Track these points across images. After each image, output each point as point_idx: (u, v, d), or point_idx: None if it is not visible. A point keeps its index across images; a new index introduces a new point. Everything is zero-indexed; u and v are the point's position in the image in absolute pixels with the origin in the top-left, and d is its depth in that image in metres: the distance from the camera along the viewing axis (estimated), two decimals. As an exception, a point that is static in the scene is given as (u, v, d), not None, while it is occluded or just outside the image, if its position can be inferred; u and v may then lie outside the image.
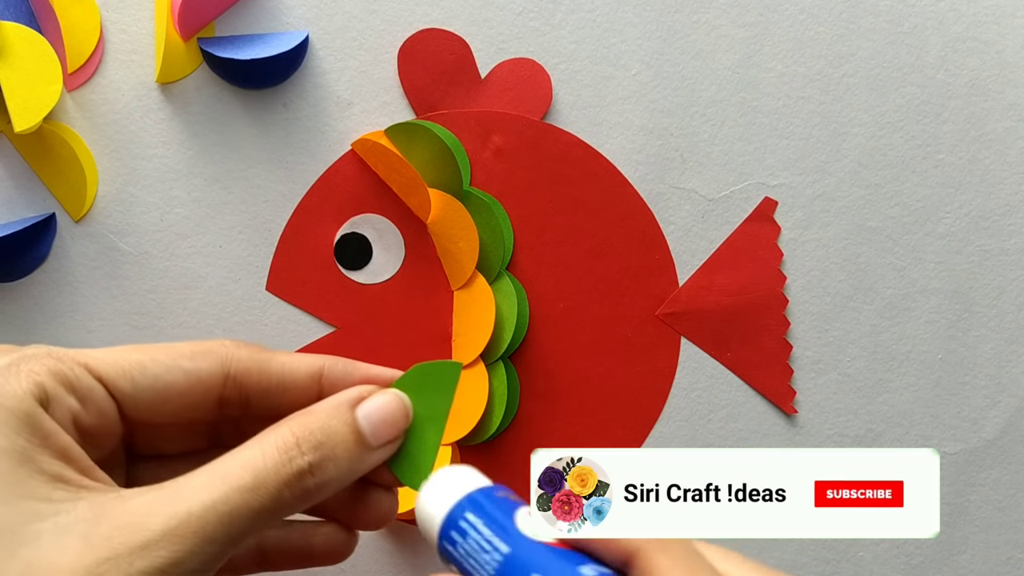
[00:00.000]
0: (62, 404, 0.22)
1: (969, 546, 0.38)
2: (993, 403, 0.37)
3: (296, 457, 0.21)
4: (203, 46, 0.34)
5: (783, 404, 0.36)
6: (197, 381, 0.24)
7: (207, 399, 0.24)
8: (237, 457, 0.21)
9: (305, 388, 0.25)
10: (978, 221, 0.37)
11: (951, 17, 0.36)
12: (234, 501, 0.20)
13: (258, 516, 0.21)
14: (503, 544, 0.20)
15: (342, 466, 0.22)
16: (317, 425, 0.22)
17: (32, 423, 0.20)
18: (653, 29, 0.36)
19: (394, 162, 0.34)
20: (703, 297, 0.36)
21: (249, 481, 0.21)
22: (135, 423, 0.24)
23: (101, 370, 0.23)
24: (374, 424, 0.23)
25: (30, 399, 0.21)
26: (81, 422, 0.22)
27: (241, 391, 0.24)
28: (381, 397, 0.24)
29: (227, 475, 0.21)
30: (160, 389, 0.23)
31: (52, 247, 0.34)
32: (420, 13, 0.35)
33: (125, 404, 0.23)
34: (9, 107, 0.31)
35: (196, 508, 0.20)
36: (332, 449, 0.22)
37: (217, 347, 0.24)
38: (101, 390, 0.23)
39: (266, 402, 0.25)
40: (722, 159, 0.36)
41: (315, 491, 0.22)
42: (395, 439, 0.24)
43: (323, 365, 0.25)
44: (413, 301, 0.35)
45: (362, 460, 0.23)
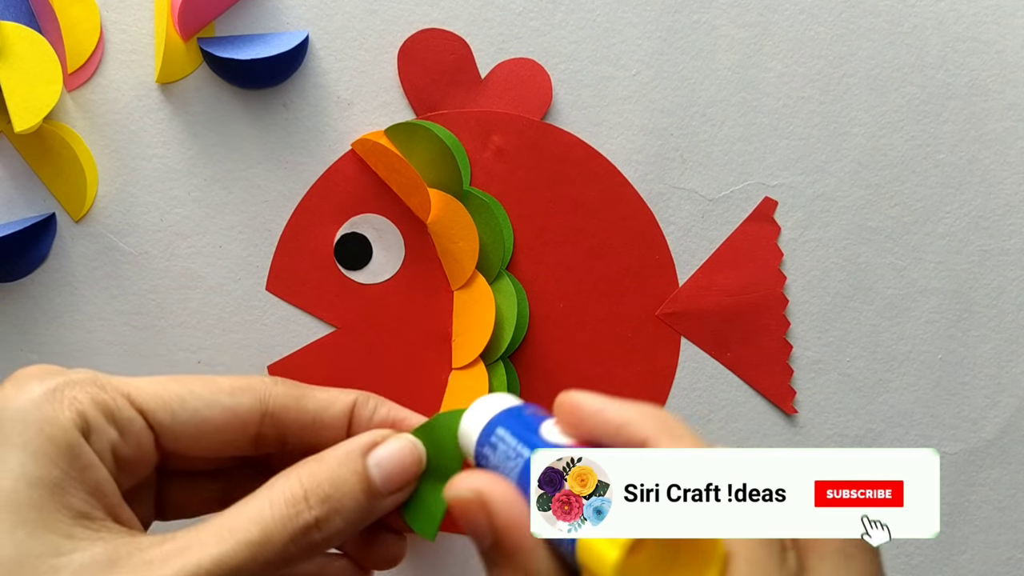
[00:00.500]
0: (103, 435, 0.22)
1: (969, 546, 0.38)
2: (993, 403, 0.37)
3: (303, 512, 0.22)
4: (203, 46, 0.34)
5: (783, 404, 0.36)
6: (235, 417, 0.24)
7: (243, 436, 0.24)
8: (246, 509, 0.22)
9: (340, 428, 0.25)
10: (978, 221, 0.37)
11: (951, 17, 0.36)
12: (241, 556, 0.21)
13: (264, 569, 0.21)
14: (526, 450, 0.21)
15: (350, 517, 0.23)
16: (326, 476, 0.23)
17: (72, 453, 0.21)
18: (653, 29, 0.36)
19: (394, 162, 0.34)
20: (703, 297, 0.36)
21: (257, 536, 0.21)
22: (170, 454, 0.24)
23: (142, 401, 0.23)
24: (385, 471, 0.23)
25: (73, 429, 0.21)
26: (119, 452, 0.23)
27: (278, 428, 0.25)
28: (395, 443, 0.24)
29: (235, 529, 0.21)
30: (198, 423, 0.24)
31: (52, 247, 0.34)
32: (420, 13, 0.35)
33: (163, 436, 0.23)
34: (9, 107, 0.31)
35: (205, 562, 0.20)
36: (340, 501, 0.22)
37: (256, 383, 0.25)
38: (141, 422, 0.23)
39: (302, 439, 0.25)
40: (722, 159, 0.36)
41: (321, 544, 0.22)
42: (407, 485, 0.24)
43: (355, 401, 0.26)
44: (413, 301, 0.35)
45: (371, 509, 0.23)
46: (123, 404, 0.23)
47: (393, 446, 0.24)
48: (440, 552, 0.36)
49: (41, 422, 0.21)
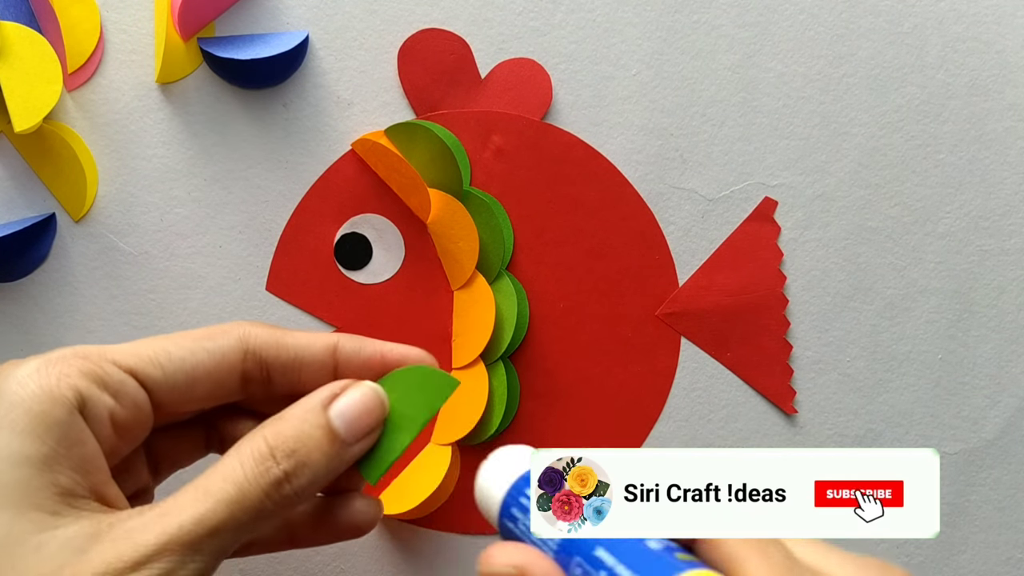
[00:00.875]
0: (98, 403, 0.22)
1: (969, 546, 0.38)
2: (993, 403, 0.37)
3: (272, 467, 0.22)
4: (203, 46, 0.34)
5: (783, 404, 0.36)
6: (222, 358, 0.24)
7: (231, 376, 0.25)
8: (219, 470, 0.22)
9: (321, 363, 0.26)
10: (978, 221, 0.37)
11: (951, 17, 0.36)
12: (220, 514, 0.21)
13: (243, 526, 0.22)
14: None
15: (319, 469, 0.23)
16: (290, 432, 0.23)
17: (61, 429, 0.21)
18: (653, 29, 0.36)
19: (394, 162, 0.34)
20: (703, 297, 0.36)
21: (232, 493, 0.22)
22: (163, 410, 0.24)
23: (129, 363, 0.23)
24: (348, 420, 0.24)
25: (66, 404, 0.21)
26: (117, 418, 0.23)
27: (261, 366, 0.25)
28: (356, 391, 0.24)
29: (211, 489, 0.22)
30: (188, 371, 0.24)
31: (52, 247, 0.34)
32: (420, 13, 0.35)
33: (157, 391, 0.24)
34: (9, 107, 0.31)
35: (186, 522, 0.21)
36: (307, 455, 0.23)
37: (233, 326, 0.25)
38: (132, 382, 0.23)
39: (286, 377, 0.25)
40: (722, 159, 0.36)
41: (295, 496, 0.23)
42: (372, 431, 0.24)
43: (337, 341, 0.26)
44: (413, 301, 0.35)
45: (340, 457, 0.23)
46: (112, 369, 0.23)
47: (354, 395, 0.24)
48: (440, 552, 0.36)
49: (29, 400, 0.21)
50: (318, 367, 0.26)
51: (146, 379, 0.23)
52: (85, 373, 0.22)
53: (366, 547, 0.35)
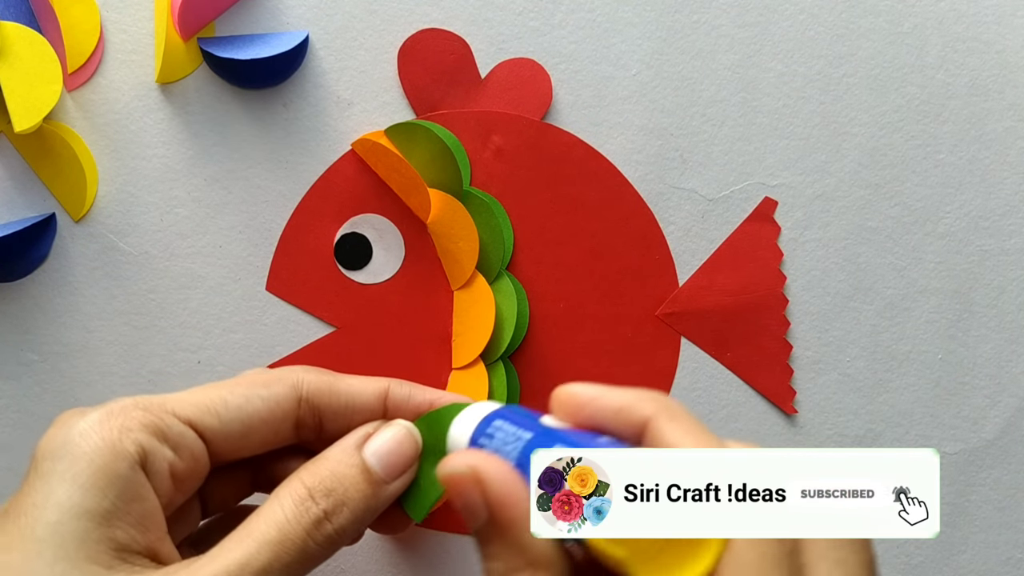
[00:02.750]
0: (159, 456, 0.23)
1: (969, 546, 0.38)
2: (993, 403, 0.37)
3: (311, 507, 0.22)
4: (203, 46, 0.34)
5: (783, 404, 0.36)
6: (276, 405, 0.25)
7: (285, 423, 0.25)
8: (261, 513, 0.22)
9: (372, 409, 0.26)
10: (978, 221, 0.37)
11: (951, 17, 0.36)
12: (264, 556, 0.21)
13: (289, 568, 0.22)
14: (527, 432, 0.21)
15: (357, 507, 0.23)
16: (327, 472, 0.23)
17: (122, 484, 0.22)
18: (653, 29, 0.36)
19: (394, 162, 0.34)
20: (703, 297, 0.36)
21: (275, 535, 0.22)
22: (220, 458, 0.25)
23: (188, 413, 0.24)
24: (383, 459, 0.24)
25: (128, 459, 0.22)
26: (176, 470, 0.23)
27: (314, 412, 0.25)
28: (388, 431, 0.25)
29: (254, 532, 0.22)
30: (244, 419, 0.24)
31: (52, 247, 0.34)
32: (420, 13, 0.35)
33: (214, 441, 0.24)
34: (9, 107, 0.31)
35: (232, 566, 0.21)
36: (344, 492, 0.23)
37: (287, 373, 0.25)
38: (192, 434, 0.24)
39: (337, 424, 0.26)
40: (722, 159, 0.36)
41: (337, 536, 0.23)
42: (407, 469, 0.25)
43: (388, 387, 0.26)
44: (413, 301, 0.35)
45: (378, 496, 0.24)
46: (172, 421, 0.23)
47: (387, 434, 0.24)
48: (440, 552, 0.36)
49: (92, 455, 0.21)
50: (368, 413, 0.26)
51: (204, 430, 0.24)
52: (146, 426, 0.22)
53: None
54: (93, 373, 0.35)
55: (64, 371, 0.35)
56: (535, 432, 0.21)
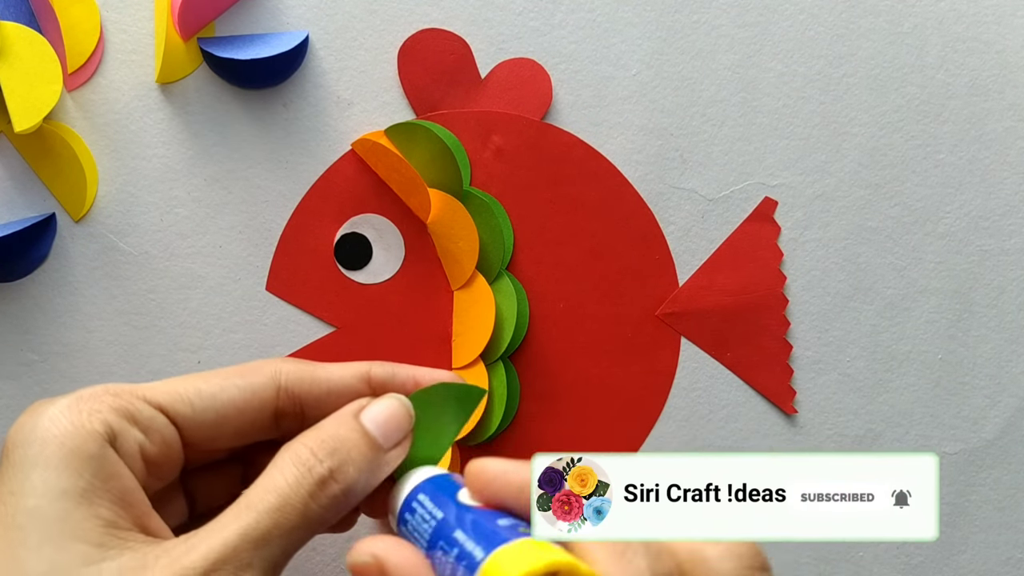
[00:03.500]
0: (128, 437, 0.22)
1: (969, 546, 0.38)
2: (993, 403, 0.37)
3: (315, 466, 0.22)
4: (203, 46, 0.33)
5: (783, 404, 0.36)
6: (252, 395, 0.24)
7: (263, 413, 0.25)
8: (260, 483, 0.22)
9: (356, 392, 0.26)
10: (978, 221, 0.37)
11: (951, 17, 0.36)
12: (264, 524, 0.21)
13: (290, 535, 0.21)
14: (439, 511, 0.21)
15: (361, 467, 0.23)
16: (328, 434, 0.23)
17: (96, 463, 0.21)
18: (653, 29, 0.36)
19: (394, 162, 0.34)
20: (703, 297, 0.36)
21: (275, 502, 0.21)
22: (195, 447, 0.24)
23: (159, 399, 0.23)
24: (381, 426, 0.24)
25: (97, 439, 0.21)
26: (147, 453, 0.23)
27: (294, 401, 0.25)
28: (382, 402, 0.24)
29: (252, 502, 0.21)
30: (218, 408, 0.24)
31: (52, 247, 0.34)
32: (420, 13, 0.35)
33: (187, 428, 0.24)
34: (9, 107, 0.31)
35: (231, 538, 0.21)
36: (348, 452, 0.23)
37: (264, 363, 0.25)
38: (163, 418, 0.23)
39: (320, 411, 0.25)
40: (722, 159, 0.36)
41: (342, 497, 0.22)
42: (403, 438, 0.24)
43: (369, 369, 0.26)
44: (413, 301, 0.35)
45: (378, 462, 0.24)
46: (141, 405, 0.23)
47: (382, 403, 0.24)
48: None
49: (62, 437, 0.21)
50: (352, 396, 0.26)
51: (176, 416, 0.23)
52: (115, 409, 0.22)
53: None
54: (93, 373, 0.35)
55: (64, 371, 0.35)
56: (445, 513, 0.21)
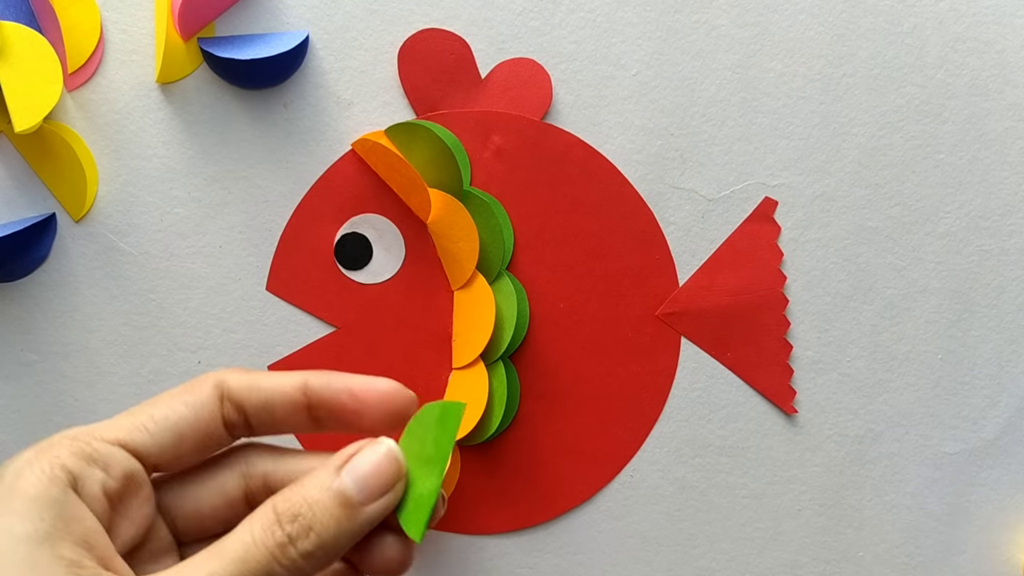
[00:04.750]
0: (89, 478, 0.23)
1: (969, 546, 0.38)
2: (993, 403, 0.37)
3: (276, 531, 0.23)
4: (203, 46, 0.34)
5: (783, 404, 0.36)
6: (200, 408, 0.25)
7: (214, 425, 0.25)
8: (232, 535, 0.23)
9: (293, 401, 0.26)
10: (978, 221, 0.37)
11: (951, 17, 0.36)
12: (228, 572, 0.22)
13: None
14: None
15: (326, 531, 0.23)
16: (299, 496, 0.23)
17: (59, 507, 0.22)
18: (653, 29, 0.36)
19: (394, 162, 0.34)
20: (703, 297, 0.36)
21: (240, 554, 0.22)
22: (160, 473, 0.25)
23: (116, 435, 0.24)
24: (359, 480, 0.24)
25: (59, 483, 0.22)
26: (110, 490, 0.23)
27: (239, 410, 0.26)
28: (369, 452, 0.24)
29: (222, 550, 0.22)
30: (172, 428, 0.24)
31: (52, 247, 0.34)
32: (420, 13, 0.35)
33: (148, 455, 0.24)
34: (9, 107, 0.31)
35: None
36: (312, 517, 0.23)
37: (208, 377, 0.26)
38: (122, 452, 0.24)
39: (261, 419, 0.26)
40: (722, 159, 0.36)
41: (304, 560, 0.23)
42: (388, 490, 0.24)
43: (306, 379, 0.26)
44: (413, 301, 0.35)
45: (354, 519, 0.24)
46: (99, 444, 0.23)
47: (367, 455, 0.24)
48: (440, 552, 0.36)
49: (24, 486, 0.22)
50: (290, 405, 0.26)
51: (135, 446, 0.24)
52: (74, 453, 0.23)
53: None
54: (93, 373, 0.35)
55: (64, 371, 0.35)
56: None
